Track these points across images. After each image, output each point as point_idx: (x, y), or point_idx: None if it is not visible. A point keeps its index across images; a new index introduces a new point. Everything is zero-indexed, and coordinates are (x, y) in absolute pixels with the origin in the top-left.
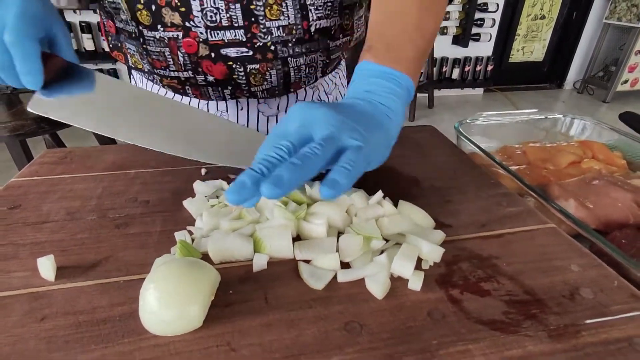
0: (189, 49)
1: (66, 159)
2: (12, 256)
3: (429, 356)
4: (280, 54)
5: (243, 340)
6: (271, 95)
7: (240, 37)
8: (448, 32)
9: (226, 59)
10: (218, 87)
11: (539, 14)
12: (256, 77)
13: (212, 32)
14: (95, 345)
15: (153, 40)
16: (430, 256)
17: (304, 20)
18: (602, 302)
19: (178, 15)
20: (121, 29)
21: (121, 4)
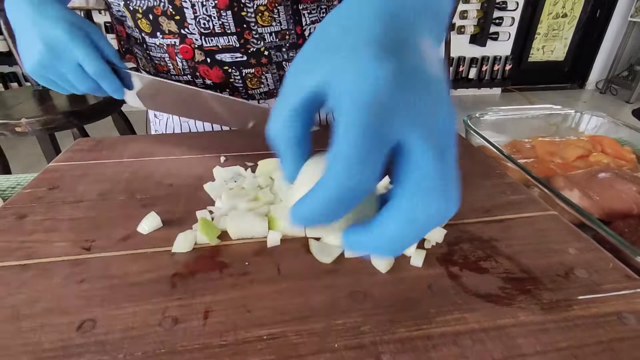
0: (186, 55)
1: (97, 146)
2: (53, 229)
3: (426, 322)
4: (274, 58)
5: (258, 304)
6: (269, 97)
7: (234, 42)
8: (465, 31)
9: (222, 64)
10: (217, 90)
11: (560, 12)
12: (252, 81)
13: (207, 38)
14: (128, 304)
15: (154, 47)
16: (433, 236)
17: (297, 25)
18: (595, 281)
19: (174, 23)
20: (129, 34)
21: (126, 13)
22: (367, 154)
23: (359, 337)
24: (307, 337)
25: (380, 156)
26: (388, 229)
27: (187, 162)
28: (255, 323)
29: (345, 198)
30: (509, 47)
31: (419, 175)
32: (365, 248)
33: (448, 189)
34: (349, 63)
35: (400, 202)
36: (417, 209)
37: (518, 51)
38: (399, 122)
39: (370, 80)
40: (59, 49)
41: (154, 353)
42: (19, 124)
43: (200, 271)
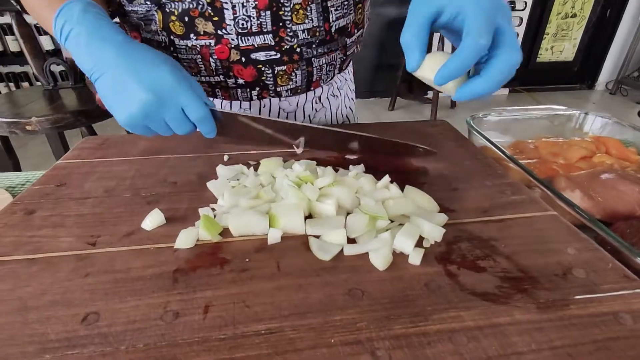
0: (221, 55)
1: (104, 144)
2: (60, 225)
3: (422, 319)
4: (305, 55)
5: (256, 300)
6: (294, 94)
7: (269, 41)
8: None
9: (256, 62)
10: (247, 88)
11: (569, 12)
12: (283, 78)
13: (243, 38)
14: (130, 298)
15: (184, 49)
16: (431, 235)
17: (325, 22)
18: (593, 281)
19: (211, 24)
20: (149, 39)
21: (155, 15)
22: (489, 29)
23: (355, 333)
24: (304, 332)
25: (492, 32)
26: (498, 73)
27: (192, 161)
28: (254, 318)
29: (477, 55)
30: None
31: (509, 43)
32: (480, 91)
33: (519, 48)
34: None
35: (502, 56)
36: (513, 57)
37: (526, 51)
38: (498, 16)
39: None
40: (165, 95)
41: (155, 346)
42: (29, 123)
43: (202, 267)
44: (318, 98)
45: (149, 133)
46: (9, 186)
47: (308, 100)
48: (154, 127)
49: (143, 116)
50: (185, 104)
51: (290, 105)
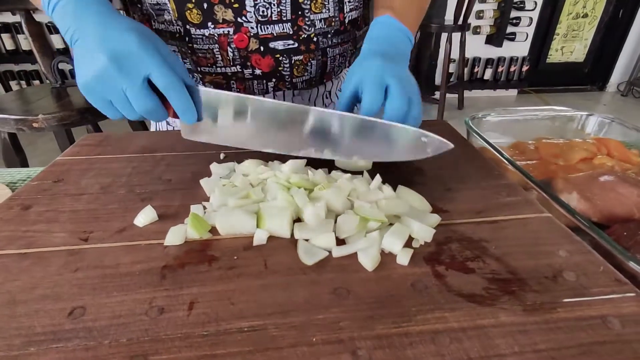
0: (240, 44)
1: (104, 142)
2: (54, 220)
3: (406, 319)
4: (321, 44)
5: (242, 297)
6: (309, 86)
7: (288, 30)
8: (481, 32)
9: (274, 52)
10: (263, 79)
11: (581, 12)
12: (299, 69)
13: (263, 26)
14: (117, 293)
15: (201, 38)
16: (420, 235)
17: (340, 12)
18: (583, 284)
19: (231, 12)
20: (161, 30)
21: (168, 4)
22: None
23: (338, 332)
24: (286, 331)
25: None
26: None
27: (188, 159)
28: (238, 315)
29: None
30: (526, 48)
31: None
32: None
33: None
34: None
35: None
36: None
37: (536, 52)
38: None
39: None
40: (126, 60)
41: (137, 340)
42: (36, 120)
43: (190, 264)
44: (328, 92)
45: (108, 109)
46: (10, 182)
47: (319, 94)
48: (112, 98)
49: (98, 81)
50: (151, 69)
51: (302, 100)
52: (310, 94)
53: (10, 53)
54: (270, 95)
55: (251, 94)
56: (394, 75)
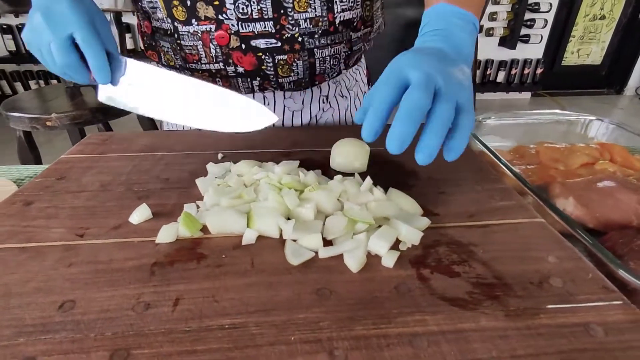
0: (221, 41)
1: (107, 141)
2: (54, 216)
3: (385, 321)
4: (307, 45)
5: (226, 295)
6: (297, 87)
7: (270, 28)
8: (494, 34)
9: (256, 50)
10: (247, 78)
11: (598, 14)
12: (284, 68)
13: (243, 24)
14: (107, 288)
15: (187, 35)
16: (408, 238)
17: (329, 12)
18: (569, 290)
19: (212, 9)
20: (157, 27)
21: (158, 3)
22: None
23: (317, 332)
24: (267, 329)
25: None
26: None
27: (186, 158)
28: (221, 312)
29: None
30: (540, 50)
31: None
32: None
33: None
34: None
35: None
36: None
37: (551, 54)
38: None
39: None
40: (55, 16)
41: (122, 334)
42: (49, 119)
43: (180, 261)
44: (325, 97)
45: (42, 59)
46: (18, 178)
47: (314, 98)
48: (43, 49)
49: (32, 33)
50: (74, 29)
51: (295, 104)
52: (304, 98)
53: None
54: (259, 95)
55: (237, 92)
56: (417, 68)
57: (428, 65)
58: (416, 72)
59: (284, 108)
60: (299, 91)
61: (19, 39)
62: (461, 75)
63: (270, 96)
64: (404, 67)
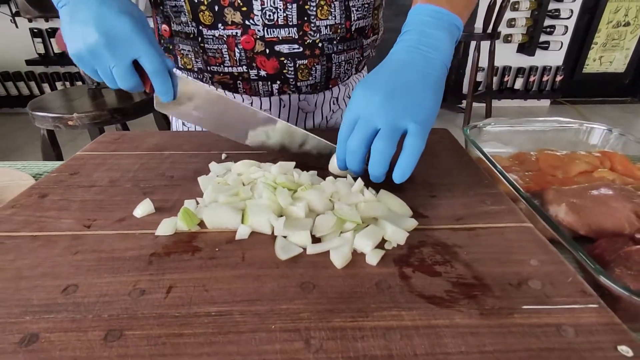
0: (247, 45)
1: (119, 139)
2: (65, 208)
3: (363, 315)
4: (326, 50)
5: (215, 285)
6: (313, 90)
7: (293, 34)
8: (513, 40)
9: (279, 54)
10: (268, 81)
11: (622, 21)
12: (303, 72)
13: (269, 29)
14: (108, 274)
15: (212, 39)
16: (393, 238)
17: (347, 20)
18: (547, 293)
19: (239, 15)
20: (178, 31)
21: (184, 6)
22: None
23: (296, 322)
24: (250, 317)
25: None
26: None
27: (192, 157)
28: (209, 301)
29: None
30: (560, 57)
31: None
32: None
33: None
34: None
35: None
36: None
37: (571, 61)
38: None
39: None
40: (117, 42)
41: (117, 317)
42: (71, 118)
43: (176, 252)
44: (335, 99)
45: (96, 76)
46: (37, 173)
47: (326, 100)
48: (99, 70)
49: (88, 54)
50: (141, 54)
51: (309, 105)
52: (317, 100)
53: (57, 56)
54: (275, 98)
55: (256, 95)
56: (385, 121)
57: (393, 111)
58: (382, 123)
59: (298, 110)
60: (312, 94)
61: (48, 42)
62: (422, 89)
63: (286, 99)
64: (374, 118)
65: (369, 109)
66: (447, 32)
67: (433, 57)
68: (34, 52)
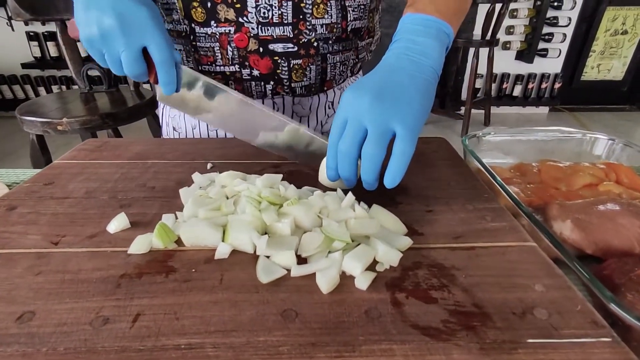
0: (240, 43)
1: (101, 147)
2: (34, 222)
3: (350, 349)
4: (321, 50)
5: (188, 312)
6: (308, 92)
7: (288, 33)
8: (511, 47)
9: (273, 54)
10: (261, 81)
11: (619, 29)
12: (297, 73)
13: (263, 27)
14: (70, 299)
15: (204, 36)
16: (385, 259)
17: (343, 20)
18: (554, 324)
19: (233, 11)
20: (169, 30)
21: (176, 4)
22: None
23: (275, 356)
24: (223, 351)
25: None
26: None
27: (176, 167)
28: (179, 331)
29: None
30: (559, 65)
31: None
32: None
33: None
34: None
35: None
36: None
37: (570, 69)
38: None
39: None
40: (131, 28)
41: (74, 350)
42: (60, 123)
43: (148, 274)
44: (331, 103)
45: (102, 61)
46: (14, 182)
47: (321, 104)
48: (108, 56)
49: (100, 38)
50: (151, 42)
51: (303, 109)
52: (311, 103)
53: (54, 59)
54: (269, 100)
55: (249, 96)
56: (373, 122)
57: (382, 116)
58: (370, 124)
59: (293, 114)
60: (307, 97)
61: (44, 45)
62: (410, 91)
63: (280, 102)
64: (363, 119)
65: (358, 109)
66: (437, 40)
67: (422, 63)
68: (30, 55)
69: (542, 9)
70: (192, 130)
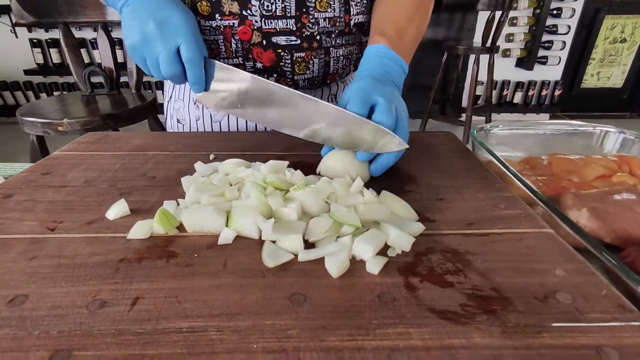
0: (243, 36)
1: (101, 140)
2: (30, 209)
3: (363, 332)
4: (324, 43)
5: (190, 296)
6: (311, 85)
7: (291, 26)
8: (511, 55)
9: (276, 46)
10: (264, 74)
11: (618, 37)
12: (300, 66)
13: (267, 20)
14: (65, 283)
15: (209, 29)
16: (397, 243)
17: (346, 14)
18: (579, 308)
19: (237, 5)
20: None
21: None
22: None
23: (283, 340)
24: (227, 334)
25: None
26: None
27: (177, 158)
28: (181, 314)
29: None
30: (558, 72)
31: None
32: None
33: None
34: None
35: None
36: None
37: (569, 76)
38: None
39: None
40: (166, 28)
41: (68, 333)
42: (61, 124)
43: (148, 258)
44: (334, 96)
45: (144, 66)
46: (10, 175)
47: (324, 97)
48: (148, 59)
49: (142, 43)
50: (182, 41)
51: None
52: (314, 96)
53: (57, 66)
54: None
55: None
56: (381, 94)
57: (385, 91)
58: (380, 99)
59: None
60: (310, 90)
61: (47, 52)
62: (399, 95)
63: None
64: (371, 94)
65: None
66: (401, 78)
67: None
68: (33, 62)
69: (542, 17)
70: (195, 121)
